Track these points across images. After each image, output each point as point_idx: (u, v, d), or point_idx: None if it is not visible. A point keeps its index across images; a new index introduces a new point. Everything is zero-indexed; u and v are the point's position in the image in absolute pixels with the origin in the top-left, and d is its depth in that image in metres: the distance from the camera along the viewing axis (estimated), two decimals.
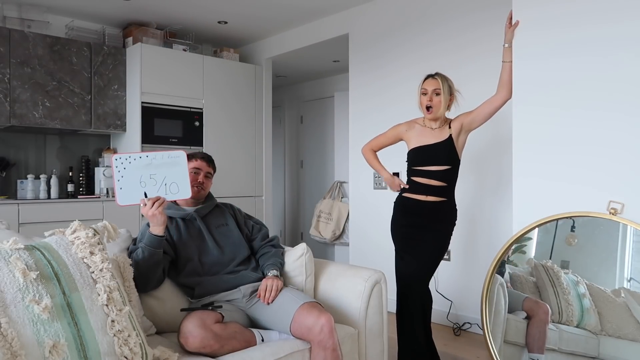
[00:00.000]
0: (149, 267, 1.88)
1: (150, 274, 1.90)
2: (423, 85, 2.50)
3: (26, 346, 1.26)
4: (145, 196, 1.89)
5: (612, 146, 2.09)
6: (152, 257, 1.87)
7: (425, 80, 2.50)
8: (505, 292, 2.33)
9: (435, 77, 2.47)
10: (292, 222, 6.61)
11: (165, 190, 1.92)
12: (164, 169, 1.92)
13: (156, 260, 1.89)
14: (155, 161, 1.92)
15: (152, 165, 1.91)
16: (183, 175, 1.94)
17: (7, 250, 1.41)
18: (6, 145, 4.14)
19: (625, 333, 2.00)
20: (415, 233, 2.49)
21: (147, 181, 1.90)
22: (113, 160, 1.88)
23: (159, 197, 1.89)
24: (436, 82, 2.45)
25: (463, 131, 2.50)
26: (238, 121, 4.92)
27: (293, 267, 2.16)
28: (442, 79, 2.46)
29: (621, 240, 2.04)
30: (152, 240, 1.88)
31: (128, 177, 1.88)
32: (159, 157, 1.92)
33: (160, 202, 1.88)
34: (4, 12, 3.98)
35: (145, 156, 1.91)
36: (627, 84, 2.05)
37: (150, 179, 1.90)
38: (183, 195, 1.95)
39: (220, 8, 4.19)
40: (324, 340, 1.78)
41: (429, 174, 2.46)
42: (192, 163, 2.16)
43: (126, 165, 1.88)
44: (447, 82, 2.47)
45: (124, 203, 1.88)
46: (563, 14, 2.23)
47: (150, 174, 1.90)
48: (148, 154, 1.92)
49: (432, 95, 2.45)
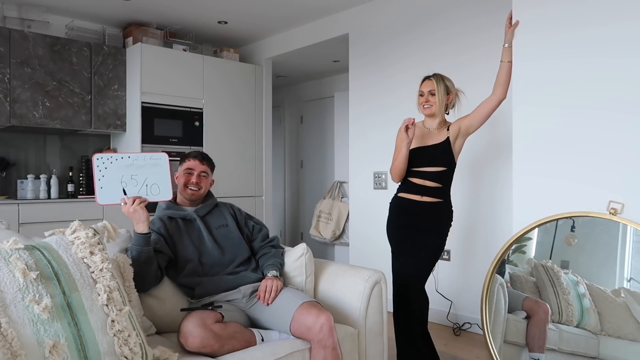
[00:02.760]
0: (141, 266, 1.87)
1: (143, 272, 1.89)
2: (420, 87, 2.54)
3: (26, 346, 1.26)
4: (125, 194, 1.90)
5: (612, 146, 2.09)
6: (140, 255, 1.87)
7: (422, 82, 2.54)
8: (505, 292, 2.33)
9: (431, 79, 2.50)
10: (292, 222, 6.61)
11: (146, 191, 1.93)
12: (145, 169, 1.93)
13: (146, 258, 1.89)
14: (137, 162, 1.93)
15: (134, 166, 1.92)
16: (164, 177, 1.96)
17: (7, 250, 1.41)
18: (6, 145, 4.14)
19: (625, 333, 2.00)
20: (410, 234, 2.49)
21: (128, 181, 1.92)
22: (94, 160, 1.89)
23: (140, 197, 1.91)
24: (431, 83, 2.48)
25: (461, 135, 2.50)
26: (238, 121, 4.92)
27: (293, 267, 2.16)
28: (438, 79, 2.48)
29: (621, 240, 2.04)
30: (137, 239, 1.88)
31: (109, 176, 1.90)
32: (140, 158, 1.94)
33: (140, 200, 1.89)
34: (4, 12, 3.98)
35: (127, 157, 1.93)
36: (627, 84, 2.05)
37: (131, 179, 1.92)
38: (164, 197, 1.97)
39: (220, 8, 4.19)
40: (324, 339, 1.78)
41: (425, 175, 2.47)
42: (184, 164, 2.16)
43: (107, 165, 1.90)
44: (443, 82, 2.48)
45: (104, 202, 1.90)
46: (563, 14, 2.24)
47: (131, 174, 1.92)
48: (130, 154, 1.94)
49: (428, 97, 2.49)
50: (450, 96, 2.50)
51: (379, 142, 3.98)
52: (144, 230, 1.88)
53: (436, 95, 2.46)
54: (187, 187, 2.14)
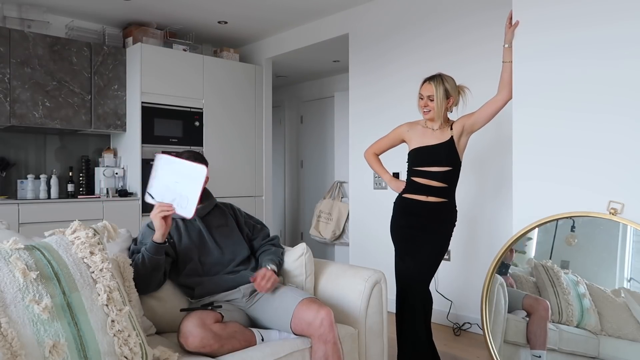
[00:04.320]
0: (147, 271, 1.89)
1: (150, 279, 1.91)
2: (420, 90, 2.50)
3: (26, 346, 1.26)
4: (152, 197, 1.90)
5: (612, 147, 2.09)
6: (150, 262, 1.88)
7: (423, 83, 2.49)
8: (505, 292, 2.33)
9: (431, 82, 2.44)
10: (292, 222, 6.61)
11: (178, 200, 1.87)
12: (186, 179, 1.88)
13: (155, 265, 1.90)
14: (184, 169, 1.89)
15: (181, 173, 1.88)
16: (194, 193, 1.87)
17: (7, 250, 1.41)
18: (6, 145, 4.14)
19: (625, 333, 2.00)
20: (415, 234, 2.48)
21: (170, 185, 1.89)
22: (158, 158, 1.89)
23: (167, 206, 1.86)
24: (430, 88, 2.43)
25: (465, 133, 2.49)
26: (238, 121, 4.92)
27: (293, 267, 2.16)
28: (438, 83, 2.43)
29: (621, 240, 2.04)
30: (150, 246, 1.89)
31: (160, 177, 1.89)
32: (188, 166, 1.90)
33: (164, 209, 1.86)
34: (4, 12, 3.98)
35: (181, 162, 1.90)
36: (627, 85, 2.05)
37: (174, 183, 1.88)
38: (185, 213, 1.88)
39: (220, 8, 4.19)
40: (325, 334, 1.78)
41: (430, 175, 2.46)
42: None
43: (164, 166, 1.89)
44: (443, 85, 2.42)
45: (147, 200, 1.91)
46: (563, 14, 2.23)
47: (176, 180, 1.88)
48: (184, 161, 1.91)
49: (427, 101, 2.46)
50: (450, 100, 2.46)
51: None
52: (157, 239, 1.88)
53: (435, 101, 2.42)
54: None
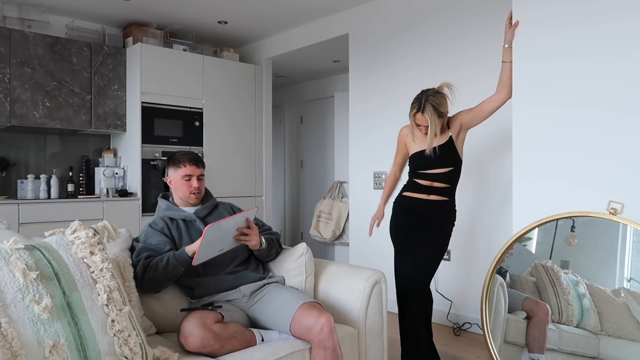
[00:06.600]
0: (166, 276, 1.91)
1: (165, 283, 1.95)
2: (414, 119, 2.43)
3: (26, 346, 1.26)
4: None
5: (612, 146, 2.09)
6: (173, 270, 1.90)
7: (414, 112, 2.41)
8: (505, 292, 2.33)
9: (424, 115, 2.37)
10: (292, 222, 6.61)
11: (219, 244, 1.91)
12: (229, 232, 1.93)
13: (176, 274, 1.93)
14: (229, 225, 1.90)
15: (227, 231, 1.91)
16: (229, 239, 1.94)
17: (7, 250, 1.41)
18: (6, 145, 4.14)
19: (625, 333, 2.00)
20: (415, 233, 2.49)
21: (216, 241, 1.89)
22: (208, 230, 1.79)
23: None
24: (424, 119, 2.38)
25: (462, 129, 2.50)
26: (238, 121, 4.92)
27: (293, 267, 2.16)
28: (430, 111, 2.35)
29: (621, 240, 2.04)
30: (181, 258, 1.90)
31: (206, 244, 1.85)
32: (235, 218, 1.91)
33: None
34: (4, 12, 3.98)
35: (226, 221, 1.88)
36: (627, 85, 2.05)
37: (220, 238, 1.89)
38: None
39: (220, 8, 4.19)
40: (324, 340, 1.78)
41: (433, 177, 2.47)
42: (180, 170, 2.15)
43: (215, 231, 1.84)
44: (434, 111, 2.35)
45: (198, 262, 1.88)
46: (563, 14, 2.23)
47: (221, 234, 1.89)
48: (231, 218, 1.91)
49: (423, 128, 2.42)
50: (444, 115, 2.42)
51: (379, 142, 3.98)
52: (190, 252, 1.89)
53: (430, 127, 2.37)
54: (191, 194, 2.16)
